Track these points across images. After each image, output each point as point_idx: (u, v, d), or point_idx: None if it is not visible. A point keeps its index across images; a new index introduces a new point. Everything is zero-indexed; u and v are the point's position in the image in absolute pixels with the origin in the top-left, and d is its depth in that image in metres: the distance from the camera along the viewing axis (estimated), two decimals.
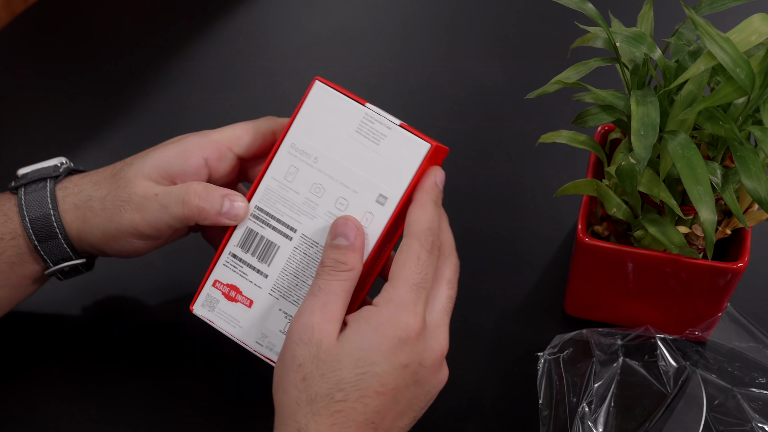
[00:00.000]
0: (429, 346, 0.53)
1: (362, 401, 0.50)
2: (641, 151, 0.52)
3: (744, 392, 0.61)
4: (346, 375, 0.50)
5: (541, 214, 0.75)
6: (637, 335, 0.64)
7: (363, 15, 0.95)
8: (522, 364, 0.65)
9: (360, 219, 0.54)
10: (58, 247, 0.59)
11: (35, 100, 0.86)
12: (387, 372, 0.51)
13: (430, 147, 0.54)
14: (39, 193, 0.59)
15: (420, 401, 0.54)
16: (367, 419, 0.50)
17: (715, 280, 0.60)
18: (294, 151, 0.56)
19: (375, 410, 0.51)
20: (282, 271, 0.56)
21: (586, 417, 0.59)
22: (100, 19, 0.95)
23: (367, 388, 0.50)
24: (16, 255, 0.59)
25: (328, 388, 0.50)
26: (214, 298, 0.57)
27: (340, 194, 0.55)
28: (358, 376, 0.50)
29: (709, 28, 0.51)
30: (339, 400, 0.50)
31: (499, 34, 0.92)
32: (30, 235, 0.58)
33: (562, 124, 0.64)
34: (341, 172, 0.55)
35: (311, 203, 0.55)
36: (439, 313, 0.55)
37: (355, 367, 0.50)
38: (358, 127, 0.55)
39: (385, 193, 0.54)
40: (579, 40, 0.61)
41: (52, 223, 0.58)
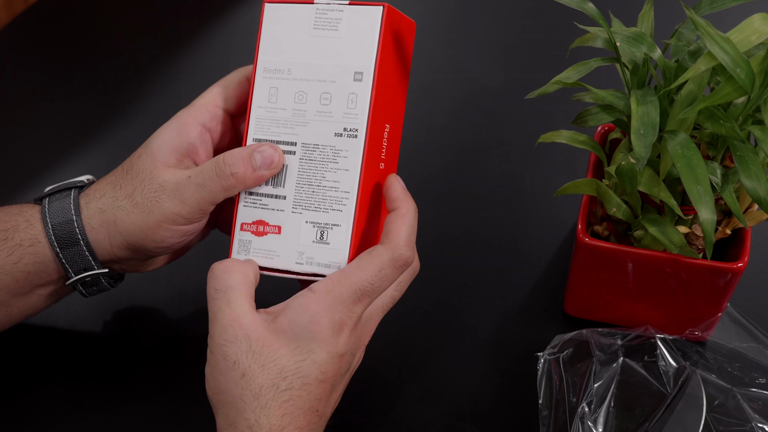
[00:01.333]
0: (360, 338, 0.54)
1: (306, 389, 0.51)
2: (641, 150, 0.52)
3: (744, 392, 0.61)
4: (286, 363, 0.50)
5: (541, 214, 0.75)
6: (637, 335, 0.64)
7: None
8: (522, 364, 0.65)
9: (346, 102, 0.56)
10: (80, 254, 0.58)
11: (35, 99, 0.86)
12: (325, 360, 0.51)
13: (383, 8, 0.56)
14: (63, 201, 0.58)
15: (345, 385, 0.55)
16: (311, 407, 0.51)
17: (715, 280, 0.60)
18: (268, 74, 0.57)
19: (317, 397, 0.51)
20: (296, 186, 0.56)
21: (585, 417, 0.59)
22: (100, 19, 0.95)
23: (308, 376, 0.51)
24: (33, 264, 0.58)
25: (271, 378, 0.50)
26: (246, 241, 0.57)
27: (322, 90, 0.56)
28: (298, 364, 0.51)
29: (709, 29, 0.51)
30: (285, 389, 0.50)
31: (499, 34, 0.92)
32: (52, 242, 0.57)
33: (562, 124, 0.64)
34: (315, 71, 0.56)
35: (300, 112, 0.57)
36: (376, 309, 0.56)
37: (294, 355, 0.51)
38: (314, 24, 0.57)
39: (358, 68, 0.56)
40: (579, 40, 0.61)
41: (74, 229, 0.57)
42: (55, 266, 0.58)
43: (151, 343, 0.67)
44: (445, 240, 0.74)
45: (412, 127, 0.83)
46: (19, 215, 0.59)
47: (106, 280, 0.60)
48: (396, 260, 0.54)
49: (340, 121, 0.56)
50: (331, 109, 0.56)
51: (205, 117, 0.59)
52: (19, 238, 0.58)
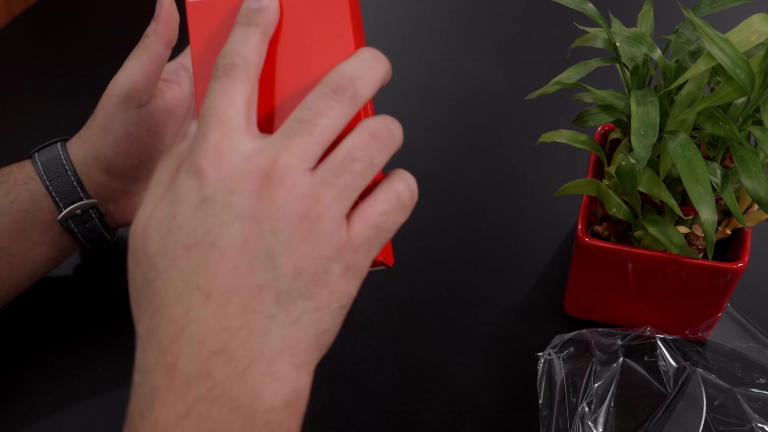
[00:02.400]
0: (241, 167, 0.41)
1: (174, 266, 0.40)
2: (641, 151, 0.52)
3: (744, 392, 0.61)
4: (152, 246, 0.41)
5: (541, 214, 0.75)
6: (637, 335, 0.64)
7: (363, 15, 0.94)
8: (522, 364, 0.65)
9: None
10: (68, 184, 0.62)
11: (35, 99, 0.86)
12: (189, 217, 0.40)
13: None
14: (52, 146, 0.63)
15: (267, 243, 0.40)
16: (186, 286, 0.40)
17: (715, 280, 0.60)
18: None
19: (193, 269, 0.40)
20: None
21: (586, 417, 0.59)
22: (100, 19, 0.95)
23: (174, 248, 0.40)
24: (29, 201, 0.61)
25: (143, 273, 0.41)
26: None
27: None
28: (162, 241, 0.40)
29: (708, 29, 0.51)
30: (152, 279, 0.40)
31: (499, 34, 0.92)
32: (42, 176, 0.61)
33: (562, 124, 0.64)
34: None
35: None
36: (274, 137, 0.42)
37: (159, 232, 0.41)
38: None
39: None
40: (579, 40, 0.61)
41: (61, 162, 0.62)
42: (48, 202, 0.62)
43: None
44: (445, 240, 0.74)
45: (413, 127, 0.83)
46: (12, 165, 0.64)
47: (96, 216, 0.63)
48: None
49: None
50: None
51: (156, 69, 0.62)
52: (14, 178, 0.62)
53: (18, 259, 0.62)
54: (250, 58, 0.43)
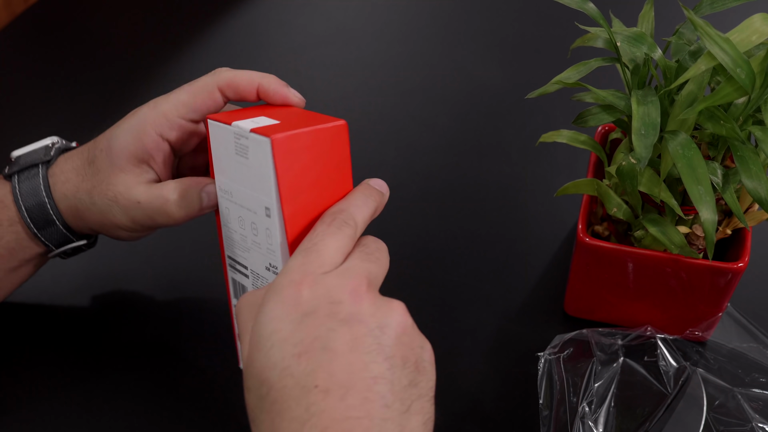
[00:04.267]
0: (336, 283, 0.45)
1: (287, 374, 0.43)
2: (642, 150, 0.52)
3: (744, 392, 0.61)
4: (258, 365, 0.44)
5: (541, 214, 0.75)
6: (637, 335, 0.64)
7: (363, 15, 0.95)
8: (522, 364, 0.65)
9: (265, 236, 0.51)
10: (57, 232, 0.61)
11: (35, 99, 0.86)
12: (293, 330, 0.44)
13: (270, 141, 0.48)
14: (32, 181, 0.60)
15: (376, 338, 0.44)
16: (304, 387, 0.43)
17: (715, 280, 0.60)
18: (222, 193, 0.55)
19: (307, 373, 0.43)
20: None
21: (586, 417, 0.59)
22: (100, 20, 0.95)
23: (283, 359, 0.43)
24: (15, 240, 0.60)
25: (256, 393, 0.44)
26: None
27: (251, 220, 0.52)
28: (267, 356, 0.44)
29: (709, 29, 0.51)
30: (266, 393, 0.43)
31: (499, 34, 0.92)
32: (28, 224, 0.60)
33: (562, 123, 0.64)
34: (243, 197, 0.52)
35: (243, 236, 0.54)
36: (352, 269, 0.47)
37: (260, 351, 0.44)
38: (235, 149, 0.52)
39: (267, 204, 0.51)
40: (579, 40, 0.61)
41: (48, 212, 0.60)
42: (36, 242, 0.61)
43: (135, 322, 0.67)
44: (445, 240, 0.74)
45: (412, 127, 0.83)
46: None
47: (85, 247, 0.64)
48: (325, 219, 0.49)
49: (266, 255, 0.52)
50: (259, 240, 0.52)
51: (163, 127, 0.58)
52: None
53: (7, 282, 0.62)
54: (360, 224, 0.50)
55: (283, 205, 0.49)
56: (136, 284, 0.71)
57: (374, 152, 0.80)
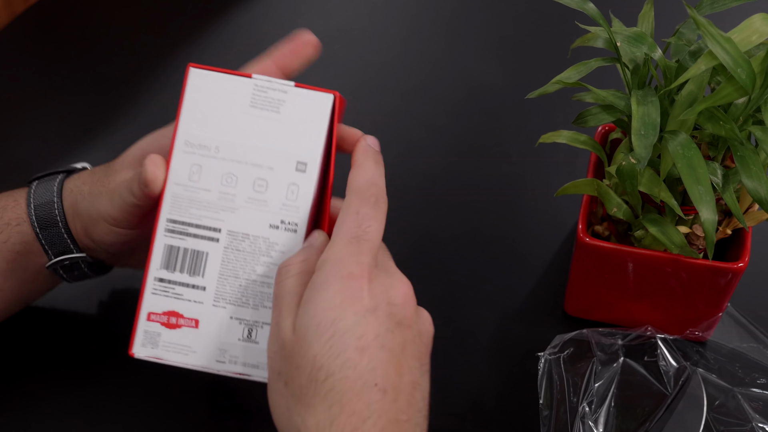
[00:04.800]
0: (390, 284, 0.48)
1: (349, 365, 0.45)
2: (642, 150, 0.52)
3: (744, 392, 0.61)
4: (317, 350, 0.45)
5: (541, 214, 0.75)
6: (637, 335, 0.64)
7: (363, 15, 0.95)
8: (522, 364, 0.65)
9: (285, 193, 0.51)
10: (58, 236, 0.58)
11: (36, 99, 0.86)
12: (356, 323, 0.46)
13: (334, 97, 0.51)
14: (49, 183, 0.60)
15: (417, 346, 0.48)
16: (366, 383, 0.45)
17: (715, 280, 0.60)
18: (190, 148, 0.52)
19: (369, 369, 0.45)
20: (219, 277, 0.52)
21: (586, 417, 0.59)
22: (100, 19, 0.95)
23: (345, 350, 0.45)
24: (20, 243, 0.59)
25: (308, 374, 0.45)
26: (154, 332, 0.52)
27: (256, 176, 0.51)
28: (328, 343, 0.45)
29: (711, 28, 0.51)
30: (324, 379, 0.45)
31: (499, 34, 0.92)
32: (33, 222, 0.58)
33: (562, 124, 0.64)
34: (249, 153, 0.51)
35: (227, 196, 0.51)
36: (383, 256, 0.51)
37: (320, 336, 0.46)
38: (251, 102, 0.51)
39: (302, 159, 0.51)
40: (579, 39, 0.61)
41: (53, 211, 0.58)
42: (39, 247, 0.59)
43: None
44: (445, 240, 0.74)
45: (412, 127, 0.83)
46: (9, 196, 0.60)
47: (85, 266, 0.61)
48: (364, 197, 0.50)
49: (277, 213, 0.51)
50: (266, 197, 0.51)
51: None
52: (8, 217, 0.59)
53: (11, 294, 0.61)
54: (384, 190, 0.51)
55: (323, 160, 0.51)
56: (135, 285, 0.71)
57: None
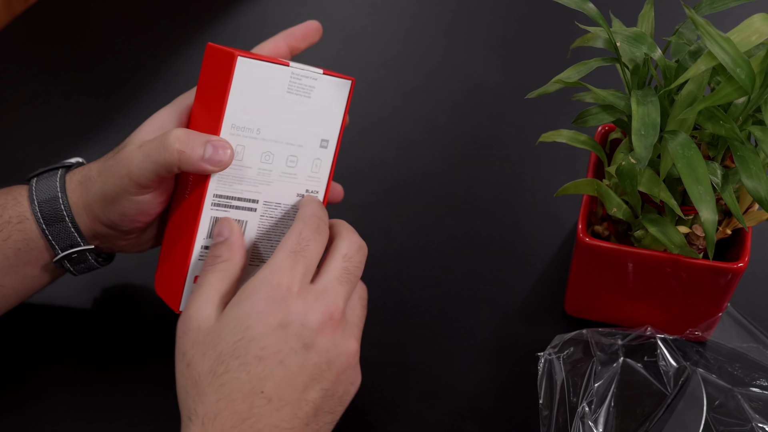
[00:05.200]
0: (312, 307, 0.51)
1: (244, 369, 0.49)
2: (642, 150, 0.52)
3: (744, 392, 0.61)
4: (224, 347, 0.50)
5: (541, 214, 0.75)
6: (637, 335, 0.64)
7: (363, 15, 0.95)
8: (522, 364, 0.65)
9: (310, 167, 0.58)
10: (65, 230, 0.59)
11: (35, 99, 0.86)
12: (263, 334, 0.50)
13: (353, 82, 0.58)
14: (50, 179, 0.60)
15: (321, 372, 0.51)
16: (253, 388, 0.49)
17: (715, 280, 0.60)
18: (236, 131, 0.56)
19: (261, 377, 0.49)
20: (256, 239, 0.58)
21: (586, 417, 0.59)
22: (100, 19, 0.95)
23: (246, 354, 0.49)
24: (22, 240, 0.59)
25: (210, 364, 0.49)
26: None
27: (289, 153, 0.57)
28: (235, 344, 0.49)
29: (710, 28, 0.51)
30: (221, 374, 0.49)
31: (499, 34, 0.92)
32: (38, 219, 0.58)
33: (562, 123, 0.64)
34: (284, 134, 0.57)
35: (265, 171, 0.57)
36: (330, 281, 0.53)
37: (232, 335, 0.50)
38: (288, 88, 0.56)
39: (325, 136, 0.58)
40: (579, 39, 0.61)
41: (59, 206, 0.58)
42: (43, 243, 0.59)
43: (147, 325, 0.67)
44: (445, 240, 0.74)
45: (412, 127, 0.83)
46: (7, 194, 0.60)
47: (93, 257, 0.61)
48: (307, 223, 0.54)
49: (304, 183, 0.58)
50: (296, 171, 0.58)
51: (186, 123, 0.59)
52: (8, 215, 0.59)
53: (11, 290, 0.61)
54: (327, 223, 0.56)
55: (340, 136, 0.59)
56: (135, 284, 0.71)
57: (374, 152, 0.80)
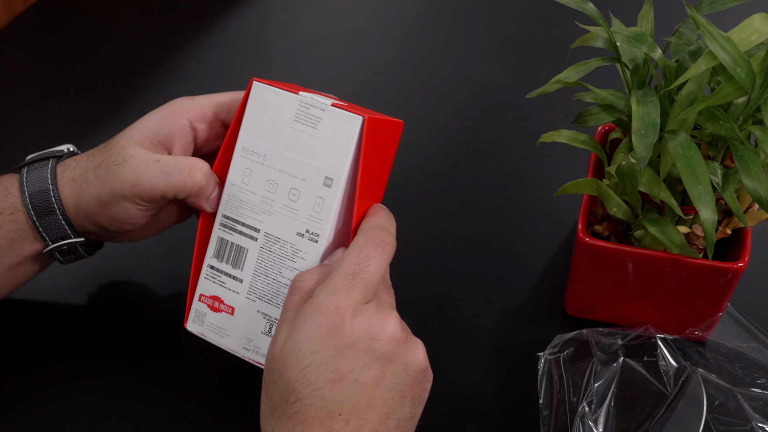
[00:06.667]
0: (377, 319, 0.50)
1: (318, 394, 0.48)
2: (642, 150, 0.52)
3: (744, 392, 0.61)
4: (291, 375, 0.49)
5: (541, 214, 0.75)
6: (637, 335, 0.64)
7: (363, 15, 0.95)
8: (522, 364, 0.65)
9: (311, 206, 0.55)
10: (56, 223, 0.59)
11: (35, 99, 0.86)
12: (332, 356, 0.49)
13: (363, 119, 0.53)
14: (41, 170, 0.60)
15: (399, 379, 0.50)
16: (330, 412, 0.48)
17: (715, 280, 0.60)
18: (246, 153, 0.56)
19: (336, 400, 0.48)
20: (254, 272, 0.56)
21: (586, 417, 0.59)
22: (100, 19, 0.95)
23: (318, 380, 0.48)
24: (15, 231, 0.59)
25: (281, 393, 0.49)
26: (202, 313, 0.58)
27: (291, 185, 0.55)
28: (303, 371, 0.49)
29: (711, 28, 0.51)
30: (293, 402, 0.49)
31: (499, 34, 0.92)
32: (29, 210, 0.59)
33: (562, 123, 0.64)
34: (288, 164, 0.55)
35: (268, 200, 0.56)
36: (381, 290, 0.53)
37: (297, 364, 0.49)
38: (296, 116, 0.55)
39: (330, 174, 0.54)
40: (579, 39, 0.61)
41: (50, 198, 0.59)
42: (35, 234, 0.60)
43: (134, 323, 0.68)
44: (445, 240, 0.74)
45: (412, 127, 0.83)
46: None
47: (83, 248, 0.62)
48: (369, 237, 0.52)
49: (304, 222, 0.55)
50: (297, 206, 0.55)
51: (196, 116, 0.59)
52: (0, 206, 0.59)
53: (3, 279, 0.61)
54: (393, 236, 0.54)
55: (348, 179, 0.54)
56: (135, 282, 0.71)
57: None
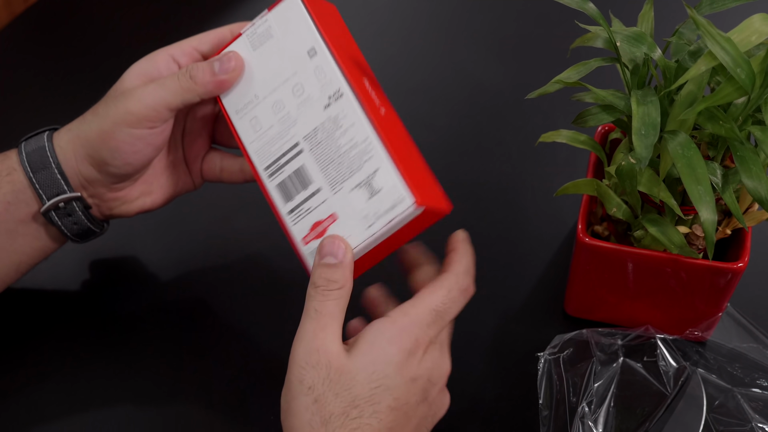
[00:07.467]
0: (438, 364, 0.54)
1: (376, 417, 0.50)
2: (642, 150, 0.52)
3: (744, 392, 0.61)
4: (360, 391, 0.50)
5: (541, 214, 0.75)
6: (637, 335, 0.64)
7: (363, 15, 0.95)
8: (522, 364, 0.65)
9: (316, 79, 0.57)
10: (51, 177, 0.60)
11: (35, 99, 0.86)
12: (399, 385, 0.51)
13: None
14: (39, 136, 0.62)
15: (426, 422, 0.54)
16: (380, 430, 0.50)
17: (715, 280, 0.60)
18: (240, 112, 0.59)
19: (388, 426, 0.51)
20: (323, 172, 0.57)
21: (586, 417, 0.59)
22: (100, 19, 0.95)
23: (380, 403, 0.51)
24: (11, 192, 0.60)
25: (343, 406, 0.50)
26: (313, 249, 0.57)
27: (291, 87, 0.58)
28: (372, 391, 0.51)
29: (711, 28, 0.51)
30: (354, 417, 0.50)
31: (499, 34, 0.92)
32: (25, 167, 0.60)
33: (562, 123, 0.64)
34: (275, 78, 0.58)
35: (284, 117, 0.58)
36: (445, 334, 0.56)
37: (369, 382, 0.51)
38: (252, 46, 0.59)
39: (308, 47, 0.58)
40: (579, 39, 0.61)
41: (46, 153, 0.60)
42: (31, 193, 0.61)
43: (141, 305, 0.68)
44: (445, 240, 0.74)
45: (413, 127, 0.83)
46: None
47: (81, 208, 0.62)
48: (460, 281, 0.55)
49: (321, 95, 0.57)
50: (308, 93, 0.57)
51: (175, 51, 0.62)
52: None
53: (2, 251, 0.61)
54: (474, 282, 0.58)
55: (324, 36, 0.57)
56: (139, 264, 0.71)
57: None
